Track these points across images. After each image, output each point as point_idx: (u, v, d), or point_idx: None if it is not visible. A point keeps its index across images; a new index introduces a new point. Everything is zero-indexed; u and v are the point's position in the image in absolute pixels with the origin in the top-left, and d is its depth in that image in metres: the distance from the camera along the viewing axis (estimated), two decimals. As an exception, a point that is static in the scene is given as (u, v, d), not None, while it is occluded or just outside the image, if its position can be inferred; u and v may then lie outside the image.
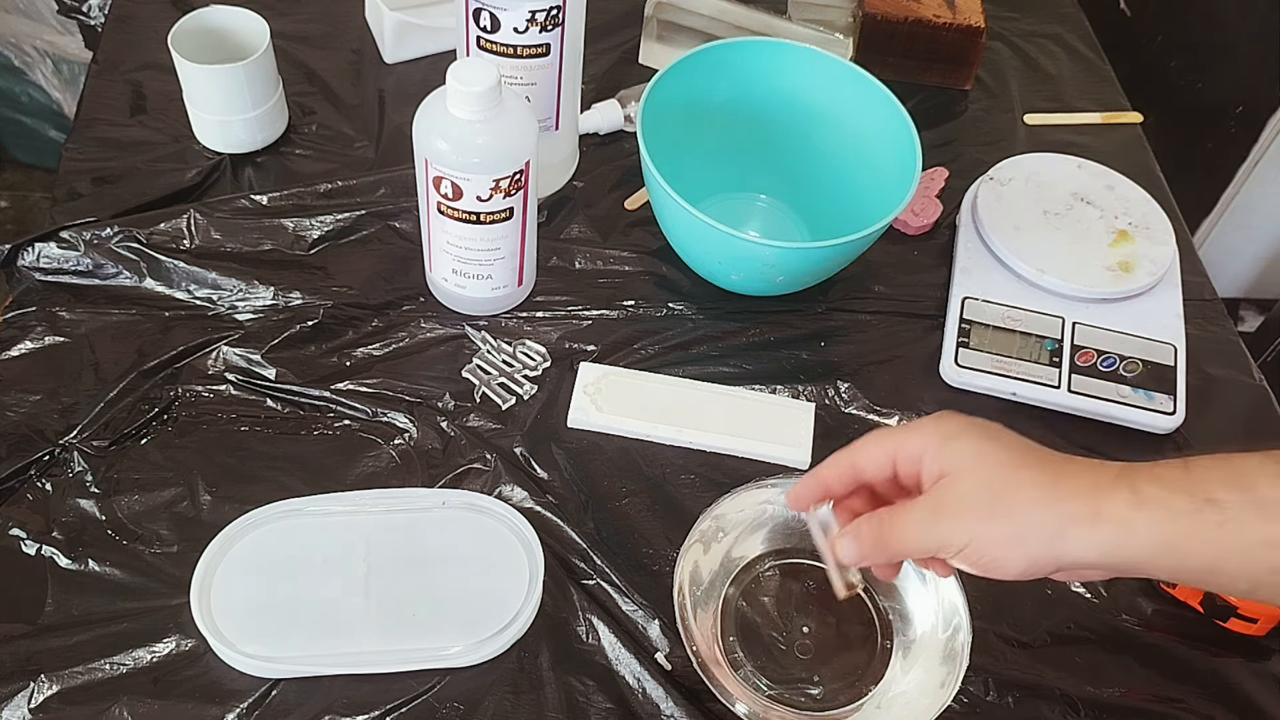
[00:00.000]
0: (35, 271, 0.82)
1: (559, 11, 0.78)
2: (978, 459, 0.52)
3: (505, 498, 0.74)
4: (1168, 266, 0.88)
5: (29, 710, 0.63)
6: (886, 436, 0.56)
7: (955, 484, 0.52)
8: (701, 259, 0.84)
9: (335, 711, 0.64)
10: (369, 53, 1.02)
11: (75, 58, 1.63)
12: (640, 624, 0.70)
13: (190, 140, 0.92)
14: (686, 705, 0.66)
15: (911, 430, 0.55)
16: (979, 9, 1.03)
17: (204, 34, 0.89)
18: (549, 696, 0.66)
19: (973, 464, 0.52)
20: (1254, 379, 0.87)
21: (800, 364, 0.84)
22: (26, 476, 0.72)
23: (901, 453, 0.55)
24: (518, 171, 0.73)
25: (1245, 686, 0.71)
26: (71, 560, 0.69)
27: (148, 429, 0.75)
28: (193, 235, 0.85)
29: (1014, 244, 0.88)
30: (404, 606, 0.68)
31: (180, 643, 0.66)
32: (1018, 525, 0.51)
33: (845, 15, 1.05)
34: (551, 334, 0.83)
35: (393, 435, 0.77)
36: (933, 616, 0.70)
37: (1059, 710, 0.69)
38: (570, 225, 0.90)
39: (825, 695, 0.68)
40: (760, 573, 0.73)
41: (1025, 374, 0.82)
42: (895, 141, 0.84)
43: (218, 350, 0.79)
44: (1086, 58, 1.11)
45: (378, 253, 0.87)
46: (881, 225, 0.78)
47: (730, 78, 0.88)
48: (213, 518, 0.71)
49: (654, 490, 0.76)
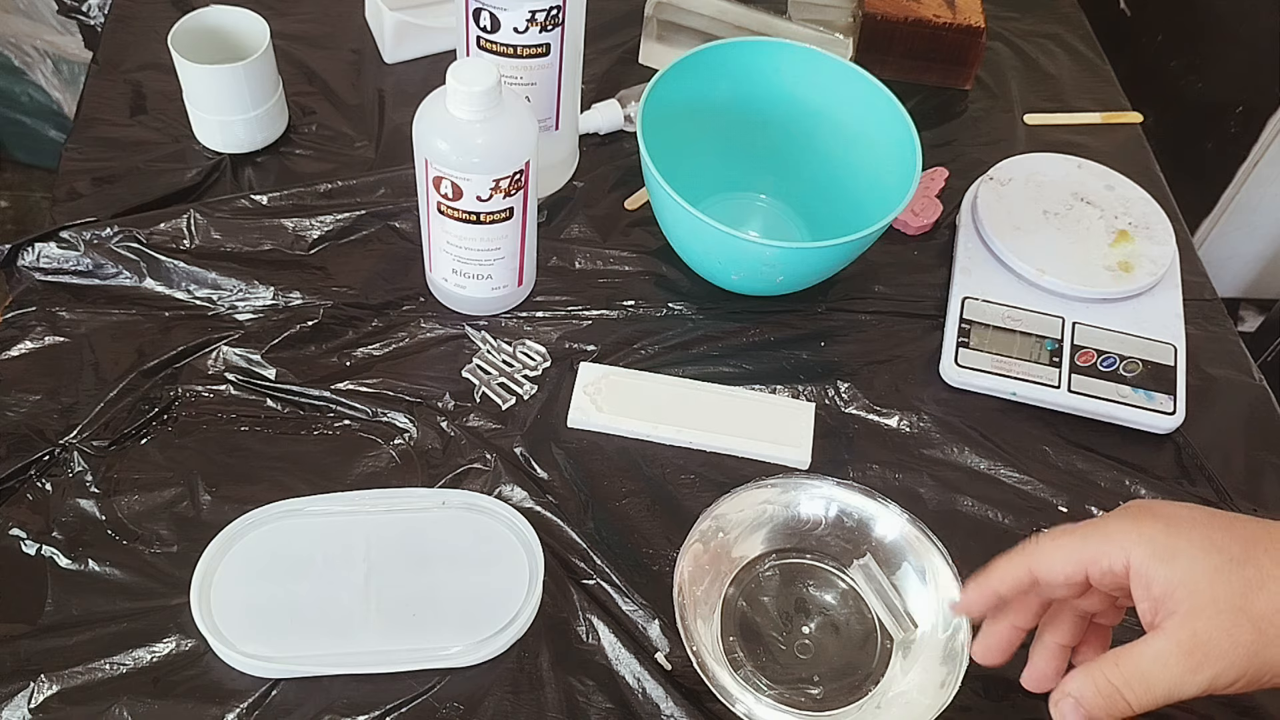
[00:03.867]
0: (35, 271, 0.82)
1: (559, 11, 0.78)
2: (1213, 583, 0.45)
3: (505, 498, 0.74)
4: (1168, 266, 0.88)
5: (29, 710, 0.63)
6: (1077, 546, 0.49)
7: (1200, 619, 0.44)
8: (701, 259, 0.84)
9: (335, 711, 0.65)
10: (369, 53, 1.02)
11: (75, 58, 1.63)
12: (640, 624, 0.70)
13: (190, 140, 0.92)
14: (686, 705, 0.66)
15: (1107, 539, 0.48)
16: (979, 9, 1.03)
17: (204, 34, 0.89)
18: (549, 696, 0.66)
19: (1209, 591, 0.44)
20: (1254, 379, 0.87)
21: (800, 364, 0.84)
22: (26, 476, 0.72)
23: (1098, 566, 0.48)
24: (518, 171, 0.74)
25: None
26: (71, 560, 0.69)
27: (148, 429, 0.75)
28: (193, 235, 0.85)
29: (1014, 244, 0.88)
30: (404, 606, 0.68)
31: (180, 643, 0.66)
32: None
33: (845, 15, 1.05)
34: (551, 334, 0.83)
35: (393, 435, 0.77)
36: (933, 616, 0.70)
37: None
38: (570, 225, 0.90)
39: (825, 695, 0.68)
40: (760, 573, 0.73)
41: (1025, 374, 0.82)
42: (895, 141, 0.84)
43: (218, 350, 0.79)
44: (1086, 58, 1.11)
45: (378, 253, 0.87)
46: (881, 225, 0.78)
47: (730, 78, 0.88)
48: (213, 518, 0.71)
49: (654, 490, 0.76)
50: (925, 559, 0.71)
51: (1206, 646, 0.44)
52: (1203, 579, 0.44)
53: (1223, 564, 0.45)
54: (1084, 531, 0.49)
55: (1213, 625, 0.44)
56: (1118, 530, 0.47)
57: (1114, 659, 0.47)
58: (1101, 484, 0.79)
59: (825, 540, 0.73)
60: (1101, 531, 0.48)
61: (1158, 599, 0.45)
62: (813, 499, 0.74)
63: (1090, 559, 0.48)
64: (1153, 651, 0.45)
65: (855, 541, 0.73)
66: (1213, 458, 0.81)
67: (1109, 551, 0.47)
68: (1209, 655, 0.44)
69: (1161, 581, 0.45)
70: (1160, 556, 0.46)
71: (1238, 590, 0.44)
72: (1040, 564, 0.50)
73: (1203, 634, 0.44)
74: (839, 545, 0.73)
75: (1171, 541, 0.46)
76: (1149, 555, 0.46)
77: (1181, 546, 0.46)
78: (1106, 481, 0.79)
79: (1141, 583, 0.46)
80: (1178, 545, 0.46)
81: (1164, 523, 0.47)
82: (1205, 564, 0.45)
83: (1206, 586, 0.44)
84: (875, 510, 0.73)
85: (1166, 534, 0.46)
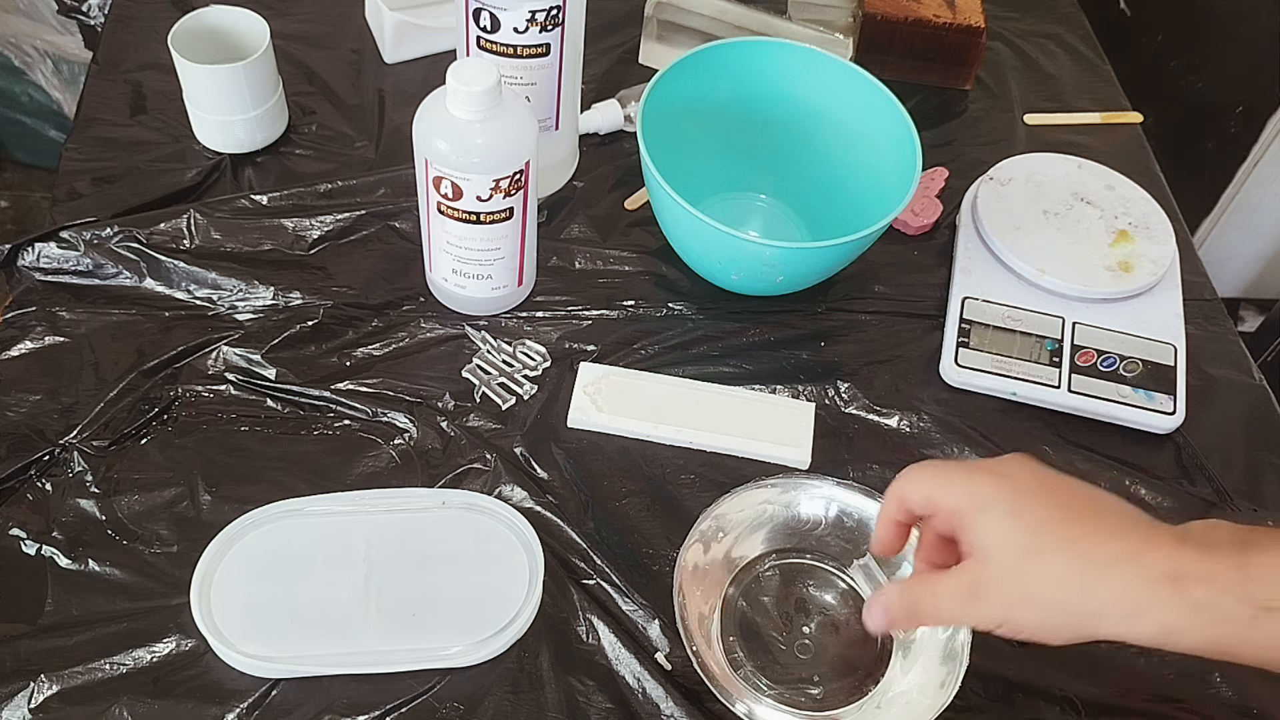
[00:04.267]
0: (35, 271, 0.82)
1: (559, 11, 0.78)
2: (1006, 542, 0.51)
3: (505, 498, 0.74)
4: (1168, 266, 0.88)
5: (29, 710, 0.63)
6: (926, 480, 0.56)
7: (986, 568, 0.52)
8: (701, 259, 0.84)
9: (335, 711, 0.65)
10: (369, 53, 1.02)
11: (75, 58, 1.63)
12: (640, 624, 0.70)
13: (190, 140, 0.92)
14: (686, 705, 0.66)
15: (946, 485, 0.54)
16: (979, 9, 1.03)
17: (204, 34, 0.89)
18: (549, 696, 0.66)
19: (1002, 549, 0.51)
20: (1254, 379, 0.87)
21: (800, 364, 0.84)
22: (26, 476, 0.72)
23: (938, 504, 0.55)
24: (518, 171, 0.74)
25: (1245, 686, 0.71)
26: (71, 560, 0.69)
27: (148, 429, 0.75)
28: (193, 235, 0.85)
29: (1014, 244, 0.88)
30: (404, 606, 0.68)
31: (180, 643, 0.66)
32: (1051, 615, 0.51)
33: (845, 15, 1.05)
34: (551, 334, 0.83)
35: (393, 435, 0.77)
36: (933, 616, 0.70)
37: (1059, 710, 0.69)
38: (570, 225, 0.90)
39: (825, 695, 0.68)
40: (760, 573, 0.73)
41: (1025, 374, 0.82)
42: (895, 141, 0.84)
43: (218, 350, 0.79)
44: (1086, 58, 1.11)
45: (378, 253, 0.87)
46: (881, 225, 0.78)
47: (730, 78, 0.88)
48: (213, 518, 0.71)
49: (654, 490, 0.76)
50: (925, 559, 0.71)
51: (981, 591, 0.52)
52: (999, 536, 0.52)
53: (1020, 528, 0.51)
54: (937, 473, 0.56)
55: (989, 575, 0.52)
56: (954, 480, 0.54)
57: (920, 581, 0.56)
58: (1101, 484, 0.79)
59: (825, 540, 0.73)
60: (946, 477, 0.55)
61: (969, 542, 0.53)
62: (813, 499, 0.74)
63: (932, 495, 0.55)
64: (947, 583, 0.53)
65: (855, 541, 0.73)
66: (1213, 458, 0.81)
67: (946, 497, 0.54)
68: (976, 596, 0.52)
69: (970, 528, 0.53)
70: (976, 515, 0.52)
71: (1019, 554, 0.51)
72: (906, 491, 0.56)
73: (980, 580, 0.52)
74: (839, 545, 0.73)
75: (991, 506, 0.52)
76: (971, 512, 0.53)
77: (996, 504, 0.52)
78: (1106, 482, 0.79)
79: (960, 524, 0.53)
80: (994, 510, 0.52)
81: (996, 479, 0.53)
82: (1006, 525, 0.52)
83: (998, 544, 0.52)
84: (875, 510, 0.73)
85: (991, 500, 0.52)
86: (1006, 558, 0.51)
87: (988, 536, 0.52)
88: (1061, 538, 0.51)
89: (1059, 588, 0.50)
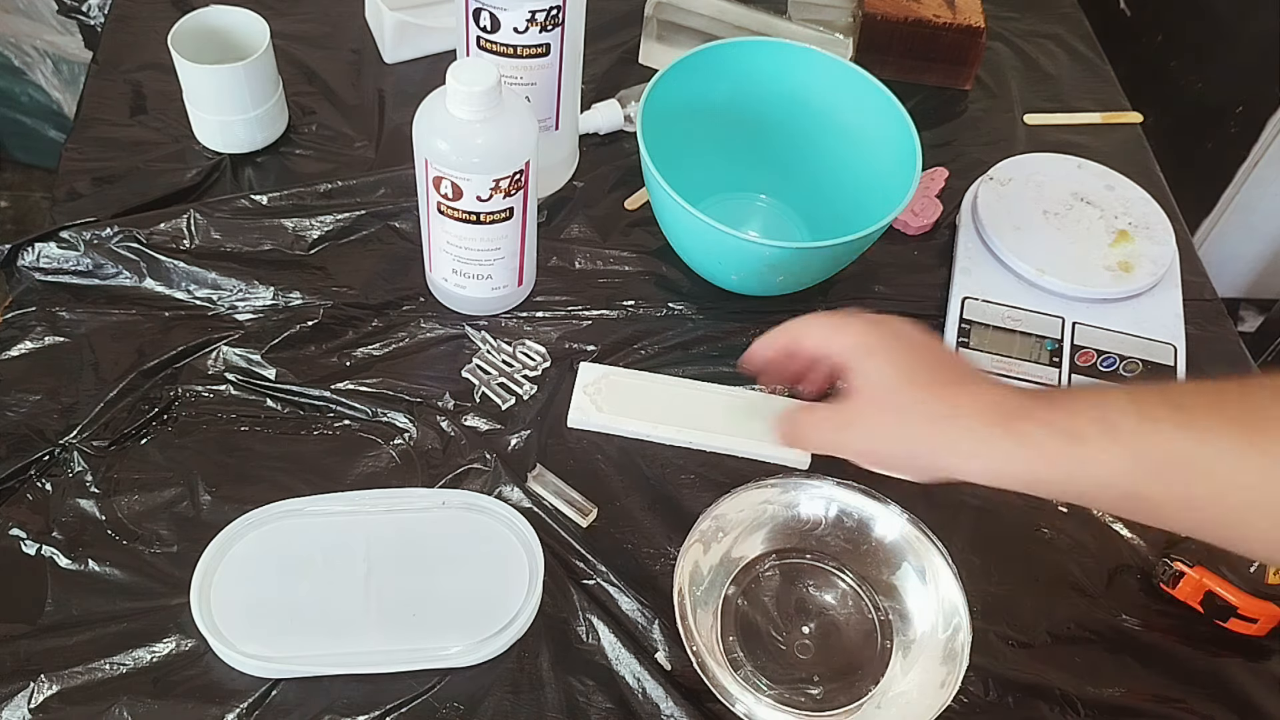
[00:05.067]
0: (35, 271, 0.82)
1: (559, 11, 0.78)
2: (884, 383, 0.58)
3: (505, 498, 0.74)
4: (1168, 266, 0.88)
5: (29, 710, 0.63)
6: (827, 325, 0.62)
7: (863, 404, 0.59)
8: (701, 259, 0.84)
9: (335, 711, 0.65)
10: (369, 53, 1.02)
11: (75, 58, 1.63)
12: (640, 624, 0.70)
13: (190, 140, 0.92)
14: (686, 705, 0.66)
15: (843, 330, 0.61)
16: (979, 9, 1.03)
17: (204, 34, 0.89)
18: (549, 697, 0.66)
19: (880, 388, 0.58)
20: (1254, 379, 0.86)
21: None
22: (26, 476, 0.72)
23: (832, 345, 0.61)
24: (518, 171, 0.73)
25: (1245, 686, 0.71)
26: (71, 560, 0.69)
27: (148, 429, 0.75)
28: (193, 235, 0.85)
29: (1014, 244, 0.88)
30: (404, 606, 0.68)
31: (180, 643, 0.66)
32: (908, 446, 0.58)
33: (845, 15, 1.05)
34: (551, 334, 0.83)
35: (393, 435, 0.77)
36: (933, 616, 0.70)
37: (1059, 710, 0.69)
38: (570, 225, 0.90)
39: (825, 695, 0.68)
40: (760, 573, 0.73)
41: (1025, 374, 0.82)
42: (895, 141, 0.83)
43: (218, 350, 0.79)
44: (1086, 58, 1.11)
45: (378, 253, 0.87)
46: (881, 225, 0.78)
47: (730, 78, 0.88)
48: (213, 518, 0.71)
49: (654, 490, 0.76)
50: (925, 559, 0.71)
51: (851, 422, 0.59)
52: (875, 380, 0.58)
53: (893, 374, 0.58)
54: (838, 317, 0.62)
55: (863, 411, 0.59)
56: (845, 328, 0.61)
57: (806, 409, 0.62)
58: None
59: (825, 540, 0.73)
60: (842, 322, 0.61)
61: (851, 383, 0.60)
62: (813, 499, 0.74)
63: (831, 336, 0.62)
64: (825, 411, 0.61)
65: (855, 542, 0.73)
66: (1213, 458, 0.81)
67: (836, 342, 0.61)
68: (848, 428, 0.60)
69: (852, 370, 0.60)
70: (863, 358, 0.59)
71: (887, 393, 0.58)
72: (800, 330, 0.64)
73: (855, 415, 0.59)
74: (839, 545, 0.73)
75: (876, 351, 0.59)
76: (859, 354, 0.59)
77: (879, 351, 0.59)
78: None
79: (848, 364, 0.60)
80: (879, 350, 0.59)
81: (881, 330, 0.60)
82: (884, 370, 0.58)
83: (873, 384, 0.58)
84: (875, 510, 0.73)
85: (877, 346, 0.59)
86: (877, 395, 0.58)
87: (866, 377, 0.59)
88: (923, 384, 0.58)
89: (912, 426, 0.57)
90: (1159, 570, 0.74)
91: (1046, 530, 0.77)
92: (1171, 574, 0.73)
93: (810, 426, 0.62)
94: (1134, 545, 0.76)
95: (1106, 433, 0.51)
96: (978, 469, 0.55)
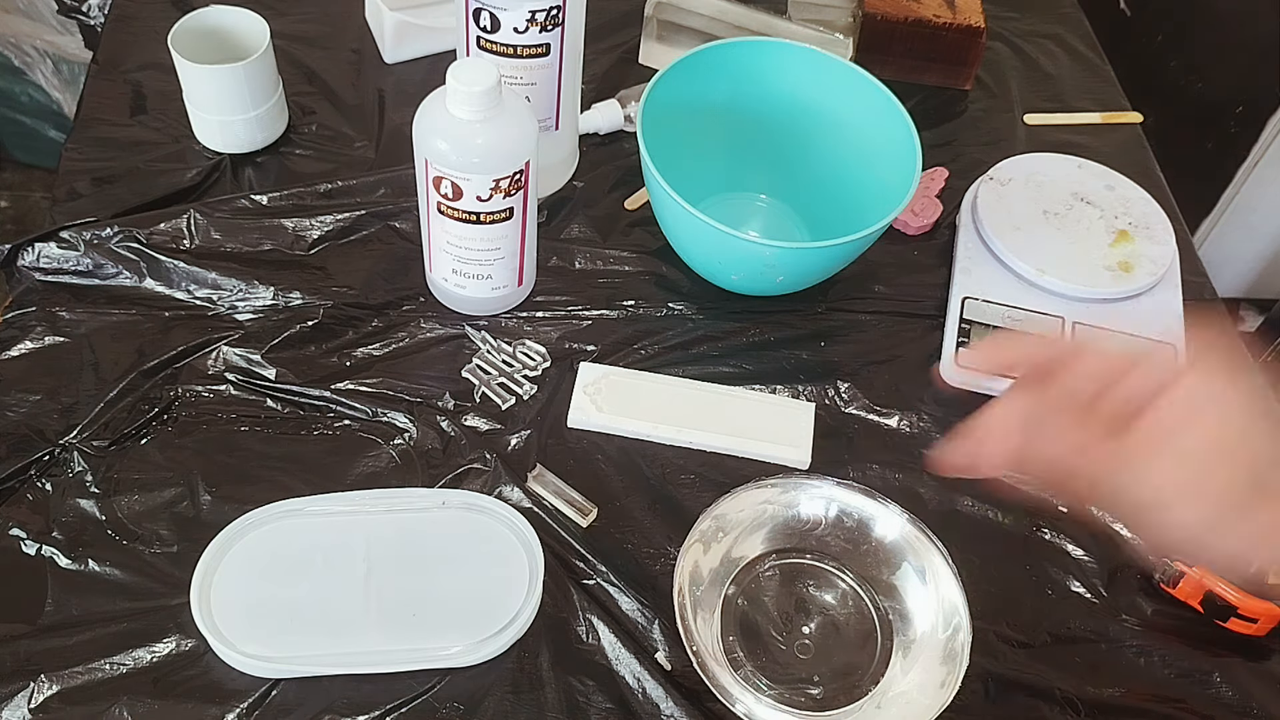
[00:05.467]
0: (35, 271, 0.82)
1: (559, 11, 0.78)
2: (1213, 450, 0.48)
3: (505, 498, 0.74)
4: (1168, 266, 0.88)
5: (29, 710, 0.63)
6: (1160, 358, 0.50)
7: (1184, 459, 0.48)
8: (701, 259, 0.84)
9: (335, 711, 0.65)
10: (369, 53, 1.02)
11: (75, 58, 1.63)
12: (640, 624, 0.70)
13: (190, 140, 0.92)
14: (686, 705, 0.66)
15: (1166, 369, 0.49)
16: (979, 9, 1.03)
17: (204, 34, 0.89)
18: (549, 696, 0.66)
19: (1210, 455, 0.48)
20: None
21: (800, 364, 0.84)
22: (26, 476, 0.72)
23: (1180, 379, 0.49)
24: (518, 171, 0.74)
25: (1245, 686, 0.71)
26: (71, 560, 0.69)
27: (148, 429, 0.75)
28: (193, 235, 0.85)
29: (1014, 244, 0.88)
30: (404, 606, 0.68)
31: (180, 643, 0.66)
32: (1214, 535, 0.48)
33: (845, 15, 1.05)
34: (551, 334, 0.83)
35: (393, 435, 0.77)
36: (933, 616, 0.70)
37: (1059, 710, 0.69)
38: (570, 225, 0.90)
39: (825, 695, 0.68)
40: (760, 573, 0.73)
41: (1025, 374, 0.82)
42: (895, 141, 0.83)
43: (218, 350, 0.79)
44: (1086, 58, 1.11)
45: (378, 253, 0.87)
46: (881, 225, 0.78)
47: (730, 78, 0.88)
48: (213, 518, 0.71)
49: (654, 490, 0.76)
50: (925, 559, 0.71)
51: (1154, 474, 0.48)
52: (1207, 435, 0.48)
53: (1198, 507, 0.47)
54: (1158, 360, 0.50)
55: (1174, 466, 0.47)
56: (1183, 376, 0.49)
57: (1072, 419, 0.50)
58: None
59: (825, 540, 0.73)
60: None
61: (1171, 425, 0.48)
62: (813, 499, 0.74)
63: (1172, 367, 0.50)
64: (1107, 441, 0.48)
65: (855, 541, 0.73)
66: (1213, 458, 0.81)
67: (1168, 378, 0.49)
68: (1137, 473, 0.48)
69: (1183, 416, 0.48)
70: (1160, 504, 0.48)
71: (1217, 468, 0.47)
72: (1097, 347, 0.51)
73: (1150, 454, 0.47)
74: (839, 545, 0.73)
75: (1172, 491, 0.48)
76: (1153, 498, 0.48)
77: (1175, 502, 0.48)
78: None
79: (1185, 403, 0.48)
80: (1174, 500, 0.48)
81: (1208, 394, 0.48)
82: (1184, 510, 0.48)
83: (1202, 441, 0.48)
84: (875, 510, 0.73)
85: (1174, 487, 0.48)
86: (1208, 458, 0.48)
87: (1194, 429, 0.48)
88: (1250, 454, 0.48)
89: (1225, 517, 0.47)
90: (1159, 570, 0.74)
91: (1046, 530, 0.77)
92: (1172, 574, 0.73)
93: (1077, 450, 0.49)
94: (1134, 545, 0.76)
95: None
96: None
